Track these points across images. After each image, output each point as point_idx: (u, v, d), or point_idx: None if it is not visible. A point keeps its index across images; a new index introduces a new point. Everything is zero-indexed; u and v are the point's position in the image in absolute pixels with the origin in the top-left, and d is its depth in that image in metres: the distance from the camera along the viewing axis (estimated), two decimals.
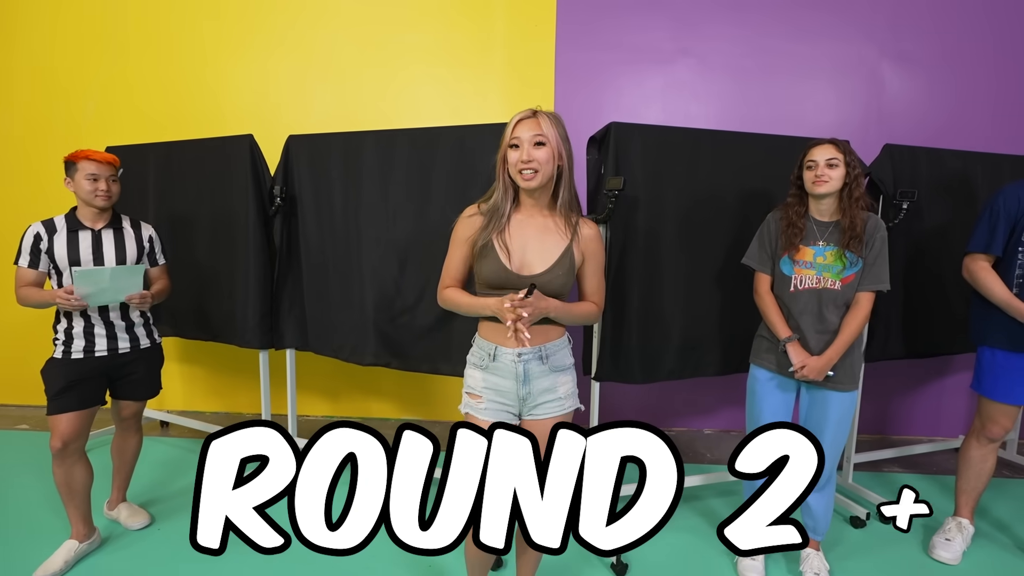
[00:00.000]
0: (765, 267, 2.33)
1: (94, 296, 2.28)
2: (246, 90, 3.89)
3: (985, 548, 2.61)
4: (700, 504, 2.97)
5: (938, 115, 3.66)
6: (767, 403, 2.34)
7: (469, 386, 1.75)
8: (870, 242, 2.20)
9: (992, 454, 2.53)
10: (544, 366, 1.71)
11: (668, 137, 2.61)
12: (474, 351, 1.77)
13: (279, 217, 3.00)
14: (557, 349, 1.74)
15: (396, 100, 3.82)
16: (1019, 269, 2.34)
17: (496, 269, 1.65)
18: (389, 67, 3.80)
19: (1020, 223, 2.34)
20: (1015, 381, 2.39)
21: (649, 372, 2.70)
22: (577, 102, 3.74)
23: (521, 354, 1.69)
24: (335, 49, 3.83)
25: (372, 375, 4.05)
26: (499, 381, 1.71)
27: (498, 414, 1.71)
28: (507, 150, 1.65)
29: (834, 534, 2.72)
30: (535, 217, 1.71)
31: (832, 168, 2.15)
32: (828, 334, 2.22)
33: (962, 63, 3.63)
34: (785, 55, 3.67)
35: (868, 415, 3.89)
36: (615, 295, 2.60)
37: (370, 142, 2.77)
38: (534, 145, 1.61)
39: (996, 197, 2.42)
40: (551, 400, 1.73)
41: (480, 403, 1.71)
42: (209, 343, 3.97)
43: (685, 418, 4.02)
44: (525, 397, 1.72)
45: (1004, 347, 2.40)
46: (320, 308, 2.99)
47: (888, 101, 3.68)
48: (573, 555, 2.54)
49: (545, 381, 1.72)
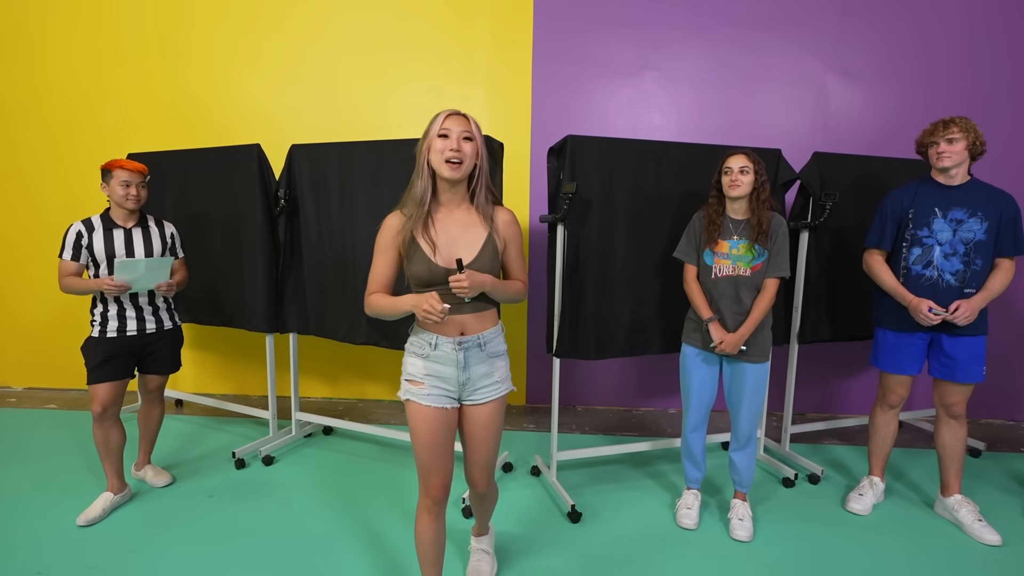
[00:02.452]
0: (692, 259, 2.69)
1: (132, 283, 2.70)
2: (253, 103, 4.28)
3: (895, 503, 2.99)
4: (651, 468, 3.40)
5: (875, 124, 4.07)
6: (695, 375, 2.71)
7: (409, 373, 1.82)
8: (773, 236, 2.56)
9: (894, 419, 2.91)
10: (482, 353, 1.83)
11: (617, 147, 2.96)
12: (413, 341, 1.85)
13: (283, 217, 3.33)
14: (493, 336, 1.86)
15: (390, 110, 4.21)
16: (904, 261, 2.71)
17: (425, 265, 1.75)
18: (383, 81, 4.20)
19: (904, 222, 2.71)
20: (903, 355, 2.76)
21: (602, 350, 3.06)
22: (552, 111, 4.15)
23: (461, 343, 1.79)
24: (334, 65, 4.21)
25: (368, 361, 4.45)
26: (440, 368, 1.80)
27: (439, 399, 1.81)
28: (434, 139, 1.71)
29: (766, 492, 3.10)
30: (455, 212, 1.80)
31: (744, 174, 2.50)
32: (743, 315, 2.58)
33: (896, 77, 4.05)
34: (740, 70, 4.07)
35: (814, 397, 4.33)
36: (573, 283, 2.94)
37: (362, 151, 3.10)
38: (463, 139, 1.72)
39: (884, 200, 2.78)
40: (489, 384, 1.86)
41: (422, 389, 1.80)
42: (220, 331, 4.44)
43: (653, 399, 4.46)
44: (465, 382, 1.83)
45: (893, 328, 2.77)
46: (319, 296, 3.32)
47: (833, 112, 4.09)
48: (531, 502, 2.95)
49: (483, 367, 1.84)
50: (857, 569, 2.47)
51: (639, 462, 3.46)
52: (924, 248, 2.66)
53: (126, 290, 2.70)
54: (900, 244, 2.73)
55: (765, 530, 2.75)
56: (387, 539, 2.65)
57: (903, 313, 2.72)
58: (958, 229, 2.62)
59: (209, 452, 3.51)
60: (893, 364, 2.80)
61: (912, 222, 2.69)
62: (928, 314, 2.59)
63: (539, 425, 4.06)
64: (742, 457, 2.77)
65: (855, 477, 3.28)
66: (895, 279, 2.73)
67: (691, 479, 2.90)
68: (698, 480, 2.89)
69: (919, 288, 2.68)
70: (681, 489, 3.06)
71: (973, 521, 2.72)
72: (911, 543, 2.66)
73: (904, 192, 2.75)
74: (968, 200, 2.62)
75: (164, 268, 2.77)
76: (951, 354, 2.68)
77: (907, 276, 2.71)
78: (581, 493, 3.08)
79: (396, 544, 2.61)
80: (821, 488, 3.17)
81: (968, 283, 2.62)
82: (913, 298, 2.65)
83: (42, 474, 3.21)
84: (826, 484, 3.22)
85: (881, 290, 2.81)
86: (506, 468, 3.35)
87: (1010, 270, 2.62)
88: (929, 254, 2.66)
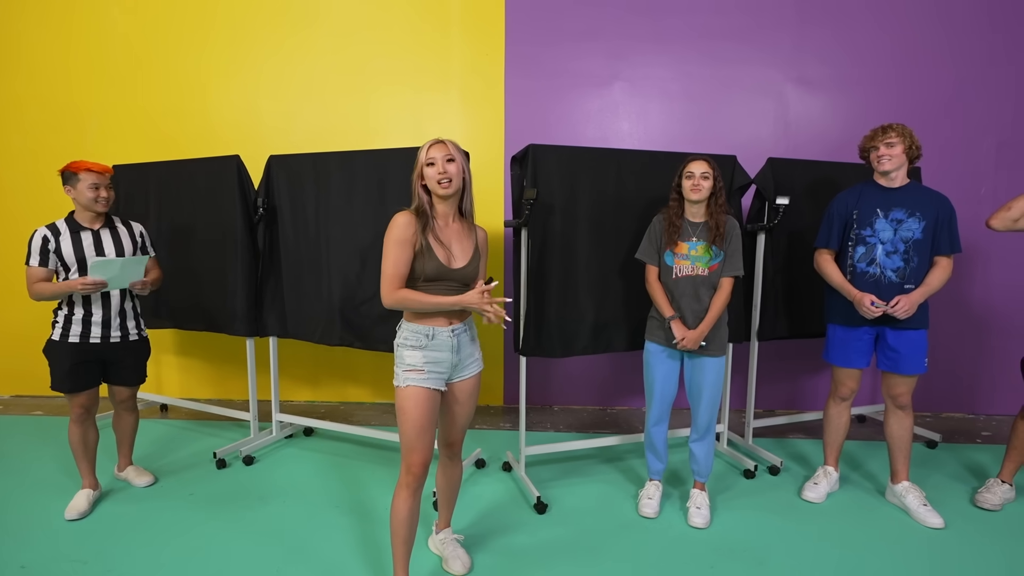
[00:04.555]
0: (653, 260, 2.80)
1: (109, 282, 2.66)
2: (233, 114, 4.39)
3: (849, 492, 3.12)
4: (620, 462, 3.51)
5: (833, 130, 4.25)
6: (659, 371, 2.82)
7: (409, 364, 2.04)
8: (728, 238, 2.70)
9: (845, 411, 3.04)
10: (468, 336, 2.16)
11: (578, 155, 3.07)
12: (407, 336, 2.07)
13: (262, 225, 3.45)
14: (472, 324, 2.22)
15: (368, 121, 4.33)
16: (850, 259, 2.85)
17: (437, 265, 2.01)
18: (361, 92, 4.32)
19: (849, 222, 2.84)
20: (851, 349, 2.90)
21: (567, 348, 3.18)
22: (524, 121, 4.30)
23: (455, 330, 2.09)
24: (313, 77, 4.33)
25: (349, 363, 4.55)
26: (438, 355, 2.07)
27: (437, 382, 2.07)
28: (424, 168, 2.00)
29: (727, 483, 3.21)
30: (450, 224, 2.08)
31: (705, 179, 2.63)
32: (702, 312, 2.70)
33: (854, 85, 4.23)
34: (705, 80, 4.24)
35: (783, 394, 4.47)
36: (537, 285, 3.06)
37: (336, 161, 3.21)
38: (446, 162, 1.99)
39: (832, 203, 2.92)
40: (473, 361, 2.20)
41: (423, 376, 2.04)
42: (203, 336, 4.55)
43: (627, 398, 4.58)
44: (456, 364, 2.12)
45: (842, 323, 2.91)
46: (296, 300, 3.42)
47: (793, 119, 4.26)
48: (500, 496, 3.05)
49: (469, 348, 2.17)
50: (806, 552, 2.59)
51: (609, 457, 3.57)
52: (868, 246, 2.80)
53: (102, 287, 2.65)
54: (847, 243, 2.85)
55: (722, 517, 2.88)
56: (367, 526, 2.74)
57: (850, 309, 2.86)
58: (898, 228, 2.75)
59: (191, 454, 3.59)
60: (842, 358, 2.94)
61: (857, 222, 2.82)
62: (870, 307, 2.73)
63: (515, 424, 4.17)
64: (701, 447, 2.88)
65: (814, 468, 3.39)
66: (842, 276, 2.86)
67: (653, 470, 3.00)
68: (660, 471, 2.99)
69: (864, 284, 2.81)
70: (645, 481, 3.16)
71: (919, 506, 2.84)
72: (859, 528, 2.79)
73: (849, 194, 2.88)
74: (907, 201, 2.76)
75: (139, 266, 2.75)
76: (895, 347, 2.82)
77: (853, 273, 2.84)
78: (550, 486, 3.17)
79: (375, 529, 2.70)
80: (780, 479, 3.28)
81: (908, 279, 2.76)
82: (857, 292, 2.78)
83: (27, 477, 3.29)
84: (785, 475, 3.33)
85: (831, 287, 2.94)
86: (479, 464, 3.44)
87: (947, 267, 2.75)
88: (872, 252, 2.79)
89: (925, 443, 3.82)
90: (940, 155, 4.21)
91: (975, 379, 4.42)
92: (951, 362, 4.37)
